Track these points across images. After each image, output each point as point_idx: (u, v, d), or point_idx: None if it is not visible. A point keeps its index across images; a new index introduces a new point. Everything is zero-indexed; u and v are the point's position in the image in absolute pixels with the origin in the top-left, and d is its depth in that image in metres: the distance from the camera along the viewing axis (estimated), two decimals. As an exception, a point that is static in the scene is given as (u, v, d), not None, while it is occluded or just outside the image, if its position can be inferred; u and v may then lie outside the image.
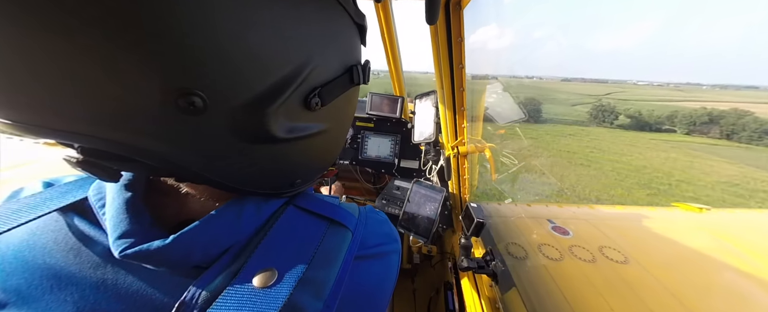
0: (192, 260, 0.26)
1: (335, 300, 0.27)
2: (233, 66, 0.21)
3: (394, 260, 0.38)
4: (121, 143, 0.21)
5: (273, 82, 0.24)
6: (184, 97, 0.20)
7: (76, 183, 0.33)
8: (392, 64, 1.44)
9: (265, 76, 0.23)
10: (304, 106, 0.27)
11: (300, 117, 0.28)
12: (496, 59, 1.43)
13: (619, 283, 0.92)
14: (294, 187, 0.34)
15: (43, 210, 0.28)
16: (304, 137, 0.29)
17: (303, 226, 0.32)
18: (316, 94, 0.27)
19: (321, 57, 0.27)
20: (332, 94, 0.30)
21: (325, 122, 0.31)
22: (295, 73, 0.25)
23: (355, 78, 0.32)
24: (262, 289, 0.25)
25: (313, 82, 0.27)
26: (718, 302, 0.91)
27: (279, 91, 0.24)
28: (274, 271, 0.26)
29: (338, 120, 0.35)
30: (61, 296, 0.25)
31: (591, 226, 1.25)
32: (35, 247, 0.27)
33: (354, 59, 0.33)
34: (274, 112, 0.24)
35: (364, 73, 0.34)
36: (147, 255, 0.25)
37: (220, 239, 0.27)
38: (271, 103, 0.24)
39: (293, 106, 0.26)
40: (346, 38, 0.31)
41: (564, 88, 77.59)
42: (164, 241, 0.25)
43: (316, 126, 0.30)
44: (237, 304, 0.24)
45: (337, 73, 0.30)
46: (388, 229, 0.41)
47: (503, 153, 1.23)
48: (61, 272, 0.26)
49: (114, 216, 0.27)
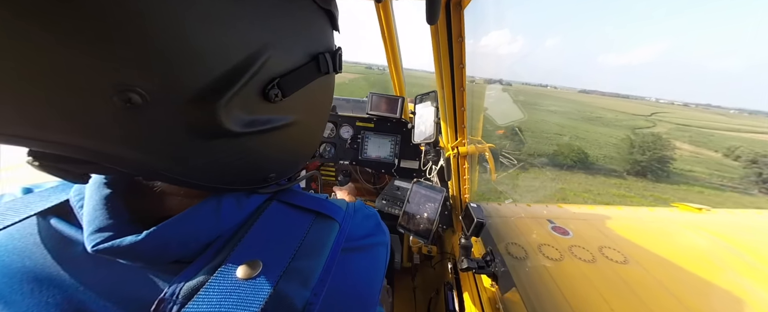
0: (169, 255, 0.26)
1: (323, 288, 0.27)
2: (172, 59, 0.20)
3: (382, 252, 0.38)
4: (69, 145, 0.21)
5: (219, 74, 0.22)
6: (120, 94, 0.19)
7: (57, 187, 0.32)
8: (392, 64, 1.44)
9: (210, 68, 0.22)
10: (263, 97, 0.25)
11: (260, 109, 0.26)
12: (507, 64, 1.43)
13: (619, 283, 0.92)
14: (268, 181, 0.33)
15: (23, 214, 0.28)
16: (269, 130, 0.28)
17: (288, 219, 0.32)
18: (274, 85, 0.25)
19: (277, 46, 0.25)
20: (296, 84, 0.28)
21: (294, 114, 0.30)
22: (245, 63, 0.23)
23: (323, 66, 0.30)
24: (247, 280, 0.25)
25: (271, 73, 0.25)
26: (717, 302, 0.91)
27: (228, 84, 0.22)
28: (259, 263, 0.26)
29: (310, 111, 0.33)
30: (43, 298, 0.25)
31: (591, 226, 1.25)
32: (14, 251, 0.26)
33: (321, 47, 0.31)
34: (225, 105, 0.23)
35: (334, 62, 0.32)
36: (119, 250, 0.24)
37: (197, 234, 0.27)
38: (220, 96, 0.22)
39: (250, 98, 0.25)
40: (308, 24, 0.29)
41: (594, 103, 67.81)
42: (137, 236, 0.25)
43: (281, 118, 0.28)
44: (220, 296, 0.23)
45: (300, 62, 0.28)
46: (376, 222, 0.40)
47: (502, 153, 1.23)
48: (42, 274, 0.25)
49: (90, 212, 0.26)
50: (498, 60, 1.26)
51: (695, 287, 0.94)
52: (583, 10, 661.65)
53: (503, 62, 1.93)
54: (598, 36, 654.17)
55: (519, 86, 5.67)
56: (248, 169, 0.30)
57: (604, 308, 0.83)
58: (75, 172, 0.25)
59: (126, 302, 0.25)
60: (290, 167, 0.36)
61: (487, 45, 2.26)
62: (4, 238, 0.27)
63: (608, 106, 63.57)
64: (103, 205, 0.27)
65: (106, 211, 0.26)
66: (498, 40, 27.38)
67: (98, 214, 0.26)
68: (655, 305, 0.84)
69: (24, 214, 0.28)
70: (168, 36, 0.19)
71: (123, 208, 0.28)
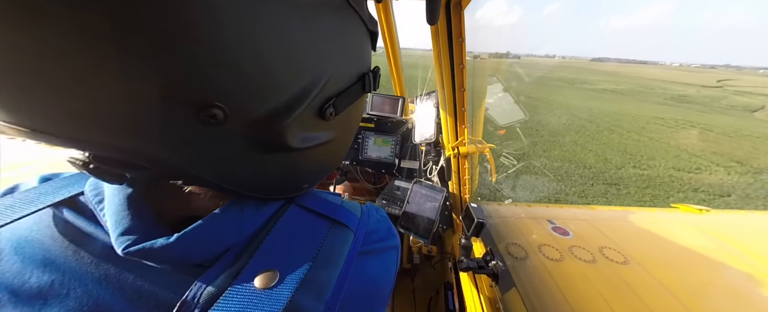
0: (193, 258, 0.26)
1: (336, 301, 0.27)
2: (252, 79, 0.21)
3: (393, 256, 0.38)
4: (136, 152, 0.21)
5: (292, 95, 0.23)
6: (206, 110, 0.20)
7: (72, 178, 0.32)
8: (393, 64, 1.45)
9: (284, 89, 0.23)
10: (319, 115, 0.27)
11: (314, 127, 0.27)
12: (511, 36, 1.42)
13: (619, 283, 0.92)
14: (300, 191, 0.34)
15: (37, 205, 0.28)
16: (315, 146, 0.29)
17: (305, 226, 0.32)
18: (331, 104, 0.27)
19: (337, 66, 0.27)
20: (346, 103, 0.29)
21: (335, 130, 0.31)
22: (312, 84, 0.25)
23: (367, 86, 0.32)
24: (264, 290, 0.25)
25: (329, 92, 0.27)
26: (717, 303, 0.91)
27: (297, 103, 0.24)
28: (276, 272, 0.26)
29: (347, 127, 0.35)
30: (64, 290, 0.25)
31: (591, 226, 1.25)
32: (34, 242, 0.27)
33: (366, 67, 0.33)
34: (291, 123, 0.24)
35: (375, 80, 0.34)
36: (150, 253, 0.25)
37: (222, 238, 0.27)
38: (289, 114, 0.24)
39: (309, 116, 0.26)
40: (359, 46, 0.30)
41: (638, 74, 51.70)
42: (168, 239, 0.25)
43: (326, 135, 0.30)
44: (239, 306, 0.24)
45: (351, 82, 0.30)
46: (388, 226, 0.41)
47: (503, 153, 1.23)
48: (63, 267, 0.26)
49: (115, 213, 0.26)
50: (499, 32, 1.23)
51: (696, 288, 0.94)
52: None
53: (505, 34, 1.88)
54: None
55: (529, 59, 5.31)
56: (289, 180, 0.31)
57: (605, 308, 0.83)
58: (119, 174, 0.25)
59: (145, 302, 0.25)
60: (320, 177, 0.38)
61: (484, 17, 2.23)
62: (24, 229, 0.27)
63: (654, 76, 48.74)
64: (127, 206, 0.27)
65: (131, 212, 0.26)
66: (496, 10, 25.87)
67: (124, 215, 0.26)
68: (656, 306, 0.84)
69: (39, 205, 0.28)
70: (252, 57, 0.21)
71: (147, 208, 0.28)
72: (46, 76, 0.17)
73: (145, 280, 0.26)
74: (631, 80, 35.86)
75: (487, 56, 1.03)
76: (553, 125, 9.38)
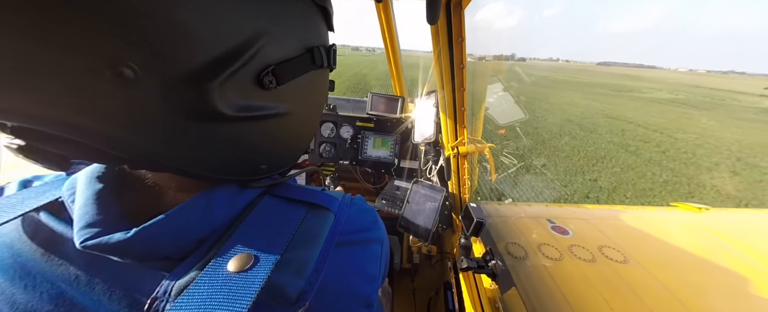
0: (160, 252, 0.26)
1: (318, 277, 0.27)
2: (168, 36, 0.20)
3: (376, 249, 0.36)
4: (50, 119, 0.20)
5: (214, 56, 0.22)
6: (113, 68, 0.19)
7: (52, 183, 0.32)
8: (392, 64, 1.45)
9: (204, 49, 0.22)
10: (257, 83, 0.26)
11: (254, 95, 0.26)
12: (514, 38, 1.41)
13: (618, 282, 0.92)
14: (259, 173, 0.33)
15: (19, 211, 0.28)
16: (262, 117, 0.28)
17: (281, 212, 0.31)
18: (269, 72, 0.26)
19: (272, 34, 0.26)
20: (290, 73, 0.29)
21: (287, 104, 0.30)
22: (240, 48, 0.24)
23: (318, 59, 0.31)
24: (238, 273, 0.24)
25: (265, 60, 0.26)
26: (717, 302, 0.91)
27: (222, 65, 0.23)
28: (251, 256, 0.26)
29: (303, 103, 0.33)
30: (36, 294, 0.25)
31: (591, 225, 1.25)
32: (3, 247, 0.26)
33: (316, 41, 0.32)
34: (218, 86, 0.23)
35: (329, 56, 0.33)
36: (108, 247, 0.24)
37: (189, 230, 0.27)
38: (213, 77, 0.22)
39: (244, 82, 0.25)
40: (304, 18, 0.30)
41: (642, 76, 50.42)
42: (126, 233, 0.24)
43: (275, 107, 0.29)
44: (211, 290, 0.23)
45: (295, 53, 0.29)
46: (373, 217, 0.39)
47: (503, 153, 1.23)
48: (33, 270, 0.25)
49: (80, 207, 0.26)
50: (501, 34, 1.22)
51: (695, 287, 0.94)
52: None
53: (507, 36, 1.83)
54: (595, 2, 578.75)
55: (533, 62, 4.88)
56: (240, 157, 0.30)
57: (604, 308, 0.83)
58: (56, 155, 0.24)
59: (118, 298, 0.25)
60: (282, 160, 0.36)
61: (484, 19, 2.16)
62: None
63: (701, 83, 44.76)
64: (95, 200, 0.26)
65: (97, 207, 0.26)
66: (498, 12, 25.46)
67: (89, 209, 0.26)
68: (655, 305, 0.85)
69: (20, 211, 0.28)
70: (161, 13, 0.20)
71: (115, 203, 0.27)
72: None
73: (116, 276, 0.26)
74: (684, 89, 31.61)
75: (491, 58, 1.02)
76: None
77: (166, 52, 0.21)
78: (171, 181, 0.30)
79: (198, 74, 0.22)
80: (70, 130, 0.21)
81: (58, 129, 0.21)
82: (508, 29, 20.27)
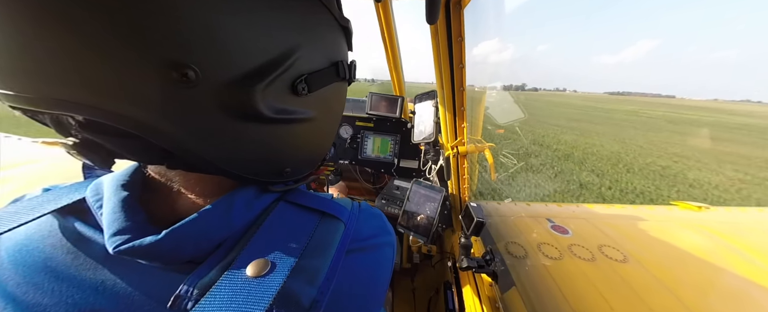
0: (184, 255, 0.27)
1: (329, 286, 0.28)
2: (224, 44, 0.23)
3: (388, 253, 0.38)
4: (119, 114, 0.22)
5: (260, 63, 0.26)
6: (179, 70, 0.22)
7: (73, 186, 0.33)
8: (392, 64, 1.44)
9: (253, 57, 0.25)
10: (292, 90, 0.29)
11: (287, 101, 0.30)
12: (521, 69, 1.41)
13: (618, 282, 0.92)
14: (283, 176, 0.35)
15: (39, 212, 0.29)
16: (291, 121, 0.31)
17: (295, 219, 0.33)
18: (302, 80, 0.30)
19: (306, 48, 0.30)
20: (318, 83, 0.32)
21: (313, 110, 0.33)
22: (281, 58, 0.27)
23: (341, 72, 0.35)
24: (256, 278, 0.26)
25: (299, 70, 0.29)
26: (717, 301, 0.91)
27: (266, 72, 0.26)
28: (267, 262, 0.27)
29: (325, 111, 0.37)
30: (63, 298, 0.25)
31: (590, 225, 1.25)
32: (34, 250, 0.27)
33: (339, 56, 0.36)
34: (261, 90, 0.26)
35: (350, 71, 0.38)
36: (140, 250, 0.25)
37: (210, 233, 0.28)
38: (258, 81, 0.26)
39: (281, 89, 0.28)
40: (330, 36, 0.34)
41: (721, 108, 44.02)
42: (156, 236, 0.26)
43: (303, 112, 0.32)
44: (231, 293, 0.24)
45: (323, 66, 0.33)
46: (381, 222, 0.41)
47: (502, 153, 1.23)
48: (61, 274, 0.26)
49: (109, 214, 0.27)
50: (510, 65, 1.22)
51: (695, 286, 0.94)
52: (574, 12, 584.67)
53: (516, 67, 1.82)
54: (591, 35, 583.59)
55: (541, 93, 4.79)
56: (269, 157, 0.32)
57: (604, 307, 0.83)
58: (105, 152, 0.26)
59: (143, 300, 0.26)
60: (304, 164, 0.38)
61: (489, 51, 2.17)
62: (23, 237, 0.28)
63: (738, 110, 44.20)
64: (121, 207, 0.28)
65: (125, 214, 0.27)
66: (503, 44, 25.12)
67: (117, 216, 0.27)
68: (655, 304, 0.85)
69: (39, 213, 0.29)
70: (226, 25, 0.23)
71: (140, 210, 0.29)
72: (31, 38, 0.20)
73: (141, 280, 0.27)
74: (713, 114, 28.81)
75: (500, 87, 1.03)
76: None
77: (224, 59, 0.24)
78: (196, 186, 0.32)
79: (247, 79, 0.25)
80: (134, 125, 0.23)
81: (122, 123, 0.23)
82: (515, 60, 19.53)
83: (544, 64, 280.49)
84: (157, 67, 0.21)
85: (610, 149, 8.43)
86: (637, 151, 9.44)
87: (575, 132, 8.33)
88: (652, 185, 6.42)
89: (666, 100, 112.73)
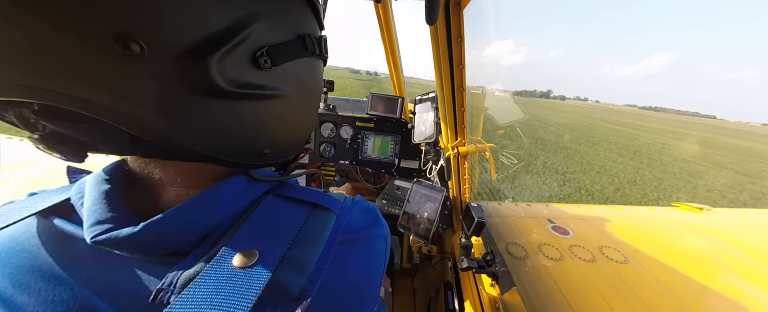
0: (167, 247, 0.26)
1: (319, 276, 0.27)
2: (170, 13, 0.22)
3: (380, 246, 0.37)
4: (69, 96, 0.21)
5: (212, 32, 0.24)
6: (121, 42, 0.20)
7: (58, 189, 0.33)
8: (392, 64, 1.45)
9: (204, 25, 0.24)
10: (254, 63, 0.27)
11: (251, 75, 0.28)
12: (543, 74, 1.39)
13: (619, 282, 0.92)
14: (262, 158, 0.33)
15: (25, 214, 0.29)
16: (260, 97, 0.29)
17: (284, 211, 0.32)
18: (263, 53, 0.27)
19: (265, 18, 0.28)
20: (283, 56, 0.30)
21: (284, 86, 0.31)
22: (236, 26, 0.25)
23: (309, 46, 0.33)
24: (243, 268, 0.25)
25: (259, 41, 0.27)
26: (717, 302, 0.91)
27: (220, 42, 0.24)
28: (255, 252, 0.26)
29: (299, 88, 0.34)
30: (50, 297, 0.25)
31: (591, 226, 1.25)
32: (20, 251, 0.27)
33: (306, 30, 0.33)
34: (217, 62, 0.24)
35: (320, 45, 0.35)
36: (118, 241, 0.25)
37: (194, 225, 0.27)
38: (211, 52, 0.24)
39: (240, 61, 0.26)
40: (293, 7, 0.32)
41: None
42: (135, 227, 0.25)
43: (272, 87, 0.30)
44: (215, 284, 0.23)
45: (287, 38, 0.31)
46: (375, 216, 0.40)
47: (503, 153, 1.23)
48: (48, 273, 0.26)
49: (90, 206, 0.27)
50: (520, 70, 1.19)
51: (695, 287, 0.94)
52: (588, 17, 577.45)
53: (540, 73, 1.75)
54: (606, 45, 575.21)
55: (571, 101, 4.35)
56: (242, 138, 0.30)
57: (604, 308, 0.83)
58: (73, 144, 0.25)
59: (126, 294, 0.26)
60: (284, 148, 0.37)
61: (497, 54, 2.10)
62: (7, 238, 0.28)
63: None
64: (102, 199, 0.27)
65: (105, 205, 0.27)
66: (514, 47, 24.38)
67: (97, 207, 0.27)
68: (655, 305, 0.84)
69: (25, 214, 0.29)
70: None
71: (122, 201, 0.28)
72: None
73: (124, 273, 0.26)
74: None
75: (510, 94, 1.02)
76: None
77: (169, 28, 0.22)
78: (177, 177, 0.31)
79: (197, 49, 0.23)
80: (86, 106, 0.22)
81: (75, 105, 0.22)
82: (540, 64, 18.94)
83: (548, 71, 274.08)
84: (99, 41, 0.20)
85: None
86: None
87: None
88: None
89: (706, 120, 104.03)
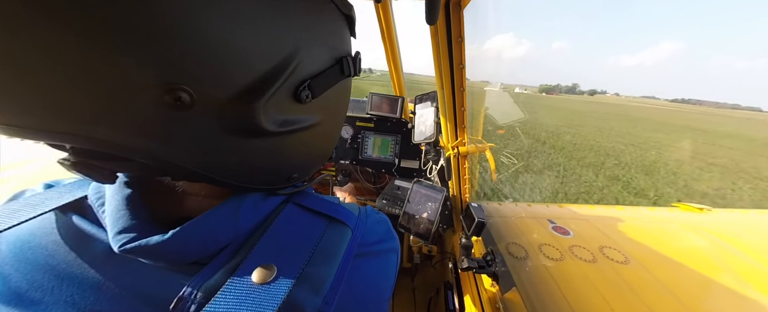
0: (189, 256, 0.26)
1: (334, 296, 0.27)
2: (217, 60, 0.21)
3: (393, 259, 0.38)
4: (112, 142, 0.21)
5: (259, 76, 0.23)
6: (170, 93, 0.20)
7: (75, 183, 0.33)
8: (392, 64, 1.45)
9: (251, 70, 0.23)
10: (295, 98, 0.27)
11: (291, 110, 0.27)
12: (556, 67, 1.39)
13: (619, 283, 0.92)
14: (290, 181, 0.34)
15: (43, 209, 0.28)
16: (297, 130, 0.29)
17: (302, 223, 0.32)
18: (305, 87, 0.27)
19: (308, 49, 0.27)
20: (323, 86, 0.29)
21: (318, 115, 0.31)
22: (281, 66, 0.25)
23: (346, 69, 0.32)
24: (261, 285, 0.25)
25: (302, 75, 0.27)
26: (718, 302, 0.90)
27: (266, 85, 0.24)
28: (273, 267, 0.26)
29: (331, 112, 0.34)
30: (63, 297, 0.25)
31: (591, 226, 1.25)
32: (37, 248, 0.27)
33: (343, 51, 0.33)
34: (263, 105, 0.24)
35: (355, 65, 0.34)
36: (146, 250, 0.25)
37: (217, 235, 0.27)
38: (259, 96, 0.24)
39: (283, 99, 0.26)
40: (332, 29, 0.31)
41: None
42: (163, 236, 0.25)
43: (308, 118, 0.30)
44: (236, 300, 0.24)
45: (327, 65, 0.30)
46: (387, 228, 0.41)
47: (503, 153, 1.23)
48: (64, 273, 0.26)
49: (113, 212, 0.27)
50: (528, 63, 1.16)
51: (696, 287, 0.94)
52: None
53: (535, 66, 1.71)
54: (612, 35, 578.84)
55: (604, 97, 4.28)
56: (275, 168, 0.31)
57: (605, 308, 0.83)
58: (105, 170, 0.25)
59: (144, 300, 0.25)
60: (310, 168, 0.37)
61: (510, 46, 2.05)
62: (26, 234, 0.28)
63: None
64: (126, 205, 0.27)
65: (129, 212, 0.27)
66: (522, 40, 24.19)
67: (121, 214, 0.26)
68: (656, 305, 0.84)
69: (42, 210, 0.28)
70: (217, 39, 0.21)
71: (144, 208, 0.28)
72: (16, 69, 0.18)
73: (143, 279, 0.26)
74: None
75: (535, 90, 1.02)
76: None
77: (219, 75, 0.22)
78: (201, 190, 0.31)
79: (245, 95, 0.23)
80: (127, 151, 0.22)
81: (116, 149, 0.22)
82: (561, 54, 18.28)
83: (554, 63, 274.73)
84: (148, 92, 0.20)
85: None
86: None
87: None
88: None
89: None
